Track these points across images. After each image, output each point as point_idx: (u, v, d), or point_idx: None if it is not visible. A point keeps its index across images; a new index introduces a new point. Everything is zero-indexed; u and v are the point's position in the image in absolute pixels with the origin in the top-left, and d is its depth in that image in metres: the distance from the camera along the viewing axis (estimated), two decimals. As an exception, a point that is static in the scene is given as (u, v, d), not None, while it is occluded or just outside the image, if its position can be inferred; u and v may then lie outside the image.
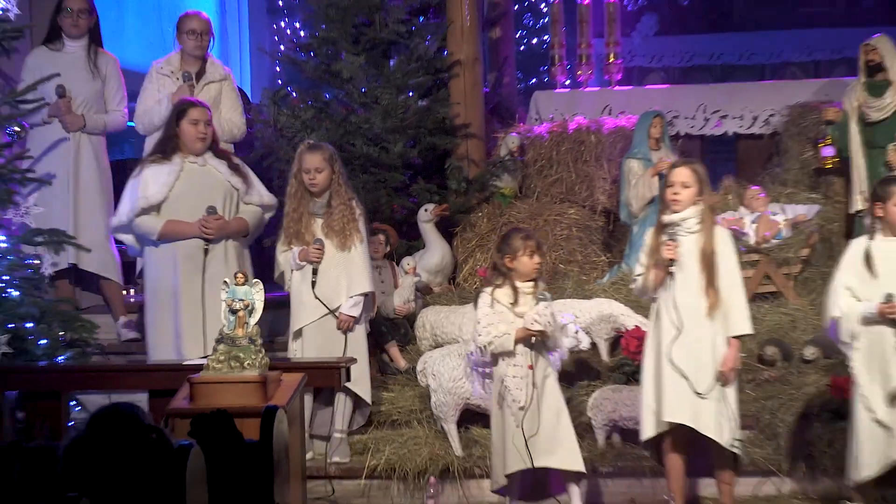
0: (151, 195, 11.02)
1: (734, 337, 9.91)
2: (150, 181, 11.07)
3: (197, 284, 11.04)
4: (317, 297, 11.02)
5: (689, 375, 9.78)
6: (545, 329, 9.74)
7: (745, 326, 9.99)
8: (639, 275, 10.12)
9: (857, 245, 10.10)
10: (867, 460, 9.82)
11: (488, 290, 10.10)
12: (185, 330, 11.04)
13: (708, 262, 9.84)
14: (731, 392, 9.91)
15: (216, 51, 13.30)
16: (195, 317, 11.01)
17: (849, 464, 10.00)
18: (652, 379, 10.02)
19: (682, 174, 9.91)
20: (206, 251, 11.04)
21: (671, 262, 9.81)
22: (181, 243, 11.05)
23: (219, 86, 12.65)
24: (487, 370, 10.08)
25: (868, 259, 9.91)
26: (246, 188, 11.30)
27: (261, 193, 11.45)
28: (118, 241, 11.70)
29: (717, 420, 9.77)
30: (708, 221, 9.96)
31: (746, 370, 10.80)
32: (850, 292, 9.91)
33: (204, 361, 9.74)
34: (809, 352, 11.28)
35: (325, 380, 10.82)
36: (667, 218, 9.97)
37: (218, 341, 9.58)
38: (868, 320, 9.80)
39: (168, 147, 11.19)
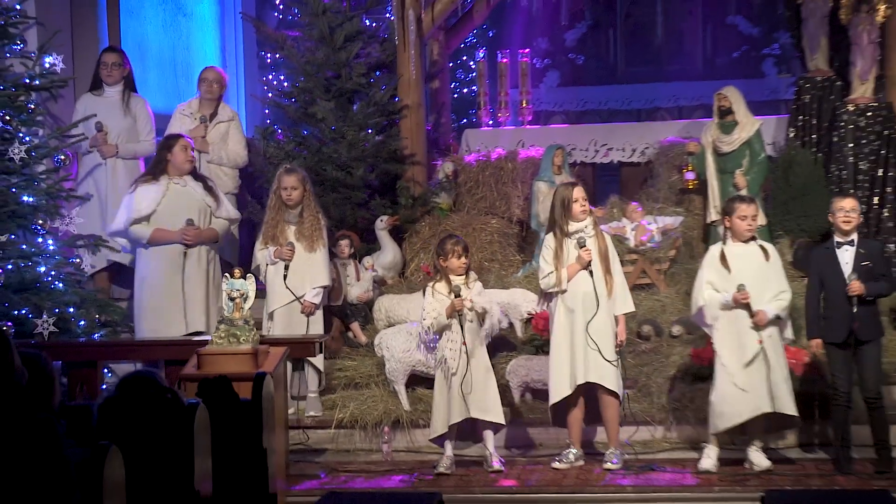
0: (143, 209, 11.14)
1: (623, 314, 10.24)
2: (142, 197, 11.18)
3: (178, 279, 11.16)
4: (287, 287, 11.10)
5: (601, 346, 9.99)
6: (475, 306, 9.99)
7: (630, 306, 10.32)
8: (548, 273, 10.19)
9: (714, 249, 10.24)
10: (727, 415, 9.96)
11: (431, 284, 10.33)
12: (168, 314, 11.16)
13: (605, 258, 10.18)
14: (621, 359, 10.20)
15: (227, 99, 13.27)
16: (177, 304, 11.12)
17: (711, 417, 10.07)
18: (566, 351, 10.16)
19: (582, 192, 10.23)
20: (184, 254, 11.16)
21: (589, 262, 10.03)
22: (165, 247, 11.18)
23: (227, 125, 12.74)
24: (433, 344, 10.31)
25: (723, 259, 10.03)
26: (217, 205, 11.42)
27: (228, 210, 11.61)
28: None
29: (617, 380, 10.10)
30: (598, 228, 10.35)
31: (628, 343, 10.75)
32: (710, 286, 10.03)
33: (208, 337, 9.96)
34: (676, 329, 11.28)
35: (304, 352, 10.82)
36: (573, 225, 10.13)
37: (220, 322, 9.83)
38: (726, 306, 9.92)
39: (157, 170, 11.32)
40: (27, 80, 10.92)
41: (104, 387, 10.12)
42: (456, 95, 16.78)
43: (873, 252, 10.11)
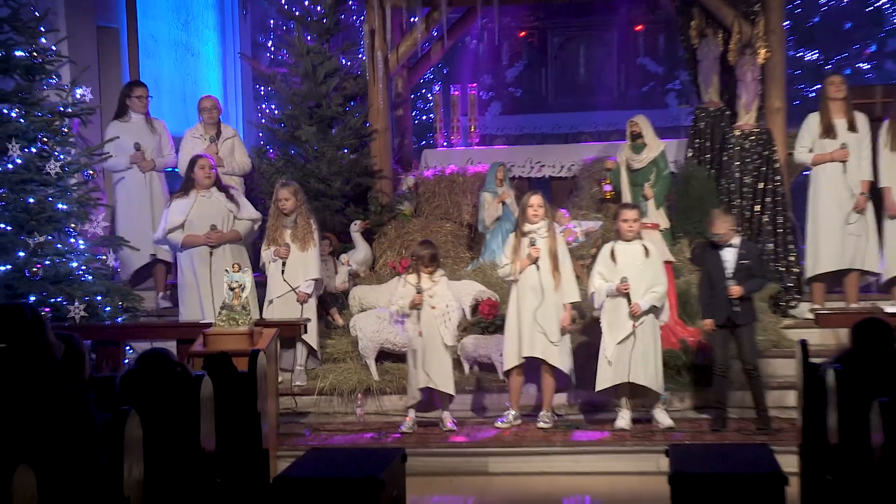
0: (175, 220, 11.14)
1: (569, 303, 10.29)
2: (175, 210, 11.20)
3: (206, 274, 11.06)
4: (284, 280, 11.05)
5: (547, 330, 10.09)
6: (431, 301, 10.07)
7: (575, 296, 10.37)
8: (505, 265, 10.33)
9: (607, 246, 10.36)
10: (599, 381, 10.13)
11: (404, 275, 10.44)
12: (201, 302, 11.11)
13: (554, 256, 10.22)
14: (566, 338, 10.28)
15: (228, 123, 13.25)
16: (207, 295, 11.01)
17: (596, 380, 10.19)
18: (515, 331, 10.24)
19: (538, 200, 10.31)
20: (210, 253, 11.07)
21: (536, 258, 10.07)
22: (196, 249, 11.14)
23: (231, 141, 12.69)
24: (399, 323, 10.34)
25: (612, 255, 10.17)
26: (238, 210, 11.36)
27: (250, 212, 11.50)
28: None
29: (561, 357, 10.19)
30: (552, 230, 10.40)
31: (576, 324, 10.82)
32: (601, 276, 10.15)
33: (212, 321, 9.96)
34: (596, 313, 11.22)
35: (291, 332, 10.87)
36: (528, 227, 10.24)
37: (221, 308, 9.93)
38: (611, 294, 10.06)
39: (187, 186, 11.31)
40: (61, 109, 10.86)
41: (126, 361, 10.10)
42: (416, 121, 16.77)
43: (752, 253, 10.25)
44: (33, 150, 10.53)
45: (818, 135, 11.62)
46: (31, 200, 10.42)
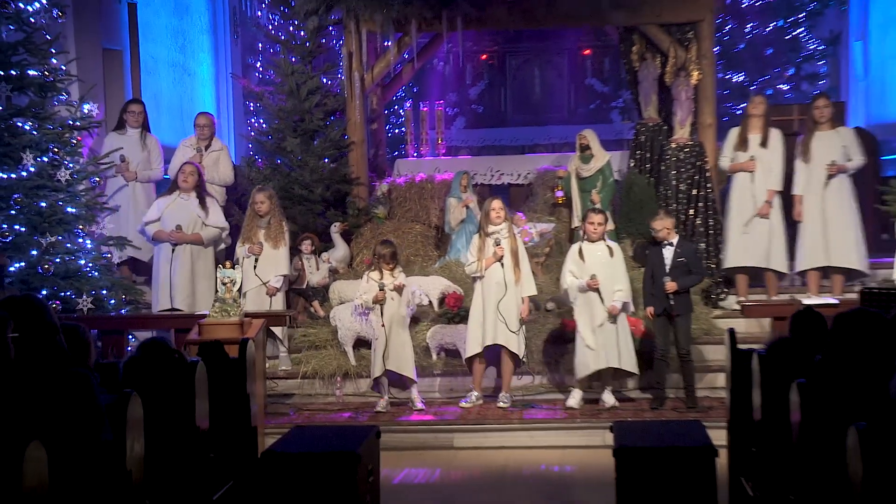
0: (152, 215, 11.23)
1: (527, 296, 10.34)
2: (155, 207, 11.31)
3: (167, 267, 11.14)
4: (256, 275, 11.07)
5: (507, 320, 10.12)
6: (392, 295, 10.12)
7: (532, 290, 10.43)
8: (472, 262, 10.37)
9: (575, 246, 10.41)
10: (582, 367, 10.14)
11: (367, 272, 10.46)
12: (159, 293, 11.20)
13: (515, 254, 10.27)
14: (522, 327, 10.31)
15: (220, 132, 13.20)
16: (165, 287, 11.12)
17: (575, 368, 10.23)
18: (479, 320, 10.27)
19: (499, 204, 10.40)
20: (173, 249, 11.12)
21: (501, 256, 10.15)
22: (163, 244, 11.17)
23: (218, 153, 12.58)
24: (365, 315, 10.50)
25: (580, 254, 10.18)
26: (206, 217, 11.33)
27: (217, 221, 11.48)
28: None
29: (519, 344, 10.21)
30: (512, 231, 10.45)
31: (537, 314, 10.85)
32: (572, 274, 10.17)
33: (206, 312, 9.97)
34: (549, 305, 11.27)
35: (277, 322, 10.92)
36: (491, 229, 10.30)
37: (215, 301, 9.97)
38: (581, 289, 10.07)
39: (172, 187, 11.39)
40: (70, 122, 10.81)
41: (128, 349, 10.06)
42: (390, 134, 16.76)
43: (687, 251, 10.33)
44: (45, 159, 10.47)
45: (735, 146, 11.78)
46: (44, 204, 10.37)
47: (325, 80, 13.35)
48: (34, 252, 10.26)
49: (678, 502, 6.41)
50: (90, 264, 10.68)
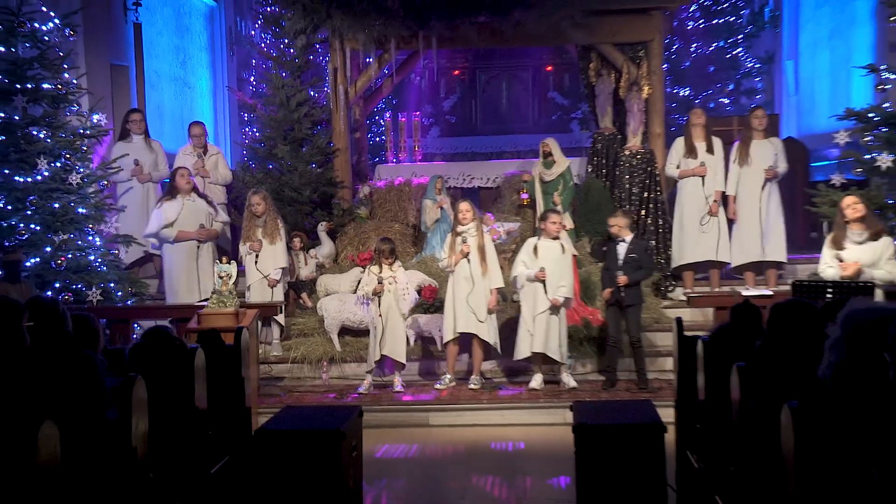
0: (169, 218, 11.11)
1: (495, 288, 10.32)
2: (167, 211, 11.15)
3: (195, 264, 11.17)
4: (258, 269, 11.02)
5: (476, 310, 10.18)
6: (389, 288, 10.12)
7: (499, 282, 10.39)
8: (443, 259, 10.45)
9: (532, 240, 10.45)
10: (520, 348, 10.23)
11: (369, 266, 10.49)
12: (189, 286, 11.16)
13: (481, 250, 10.27)
14: (493, 316, 10.34)
15: (217, 140, 13.16)
16: (194, 280, 11.12)
17: (515, 349, 10.28)
18: (451, 311, 10.30)
19: (466, 206, 10.41)
20: (198, 246, 11.14)
21: (467, 253, 10.18)
22: (185, 242, 11.15)
23: (215, 157, 12.57)
24: (366, 305, 10.42)
25: (535, 248, 10.22)
26: (216, 214, 11.41)
27: (223, 217, 11.60)
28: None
29: (489, 332, 10.26)
30: (479, 229, 10.40)
31: (504, 305, 10.84)
32: (524, 264, 10.21)
33: (206, 304, 9.92)
34: (516, 297, 11.21)
35: (269, 312, 10.89)
36: (460, 228, 10.34)
37: (212, 293, 9.90)
38: (530, 279, 10.12)
39: (172, 192, 11.28)
40: (81, 131, 10.78)
41: (134, 336, 10.01)
42: (371, 142, 16.72)
43: (639, 248, 10.39)
44: (58, 164, 10.47)
45: (683, 154, 11.79)
46: (57, 206, 10.36)
47: (312, 93, 13.33)
48: (48, 249, 10.26)
49: (631, 474, 6.43)
50: (99, 260, 10.65)
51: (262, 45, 14.24)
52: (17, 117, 10.30)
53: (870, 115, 10.68)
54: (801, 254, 11.98)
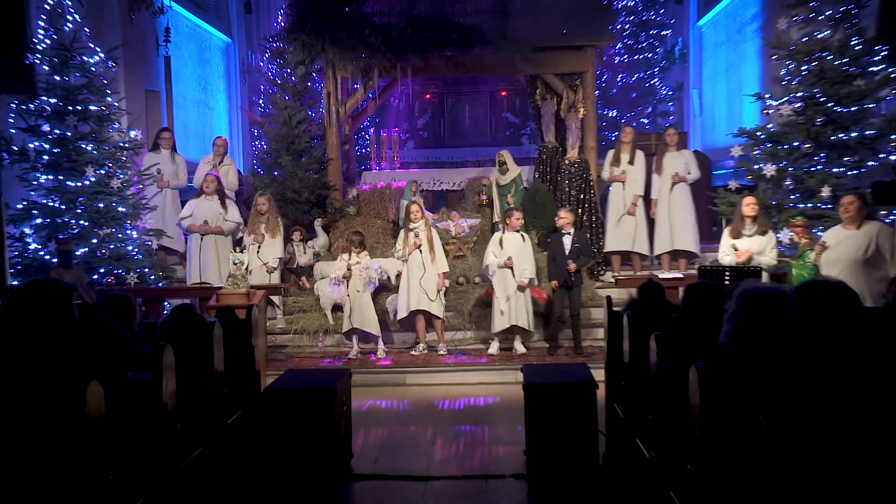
0: (185, 213, 11.19)
1: (441, 272, 10.28)
2: (188, 206, 11.23)
3: (197, 250, 11.09)
4: (259, 257, 11.00)
5: (428, 291, 10.12)
6: (356, 273, 10.16)
7: (445, 268, 10.37)
8: (399, 250, 10.42)
9: (497, 235, 10.39)
10: (496, 324, 10.21)
11: (341, 255, 10.49)
12: (192, 271, 11.14)
13: (430, 242, 10.28)
14: (441, 295, 10.30)
15: (232, 152, 13.05)
16: (195, 266, 11.09)
17: (492, 325, 10.25)
18: (406, 292, 10.30)
19: (416, 208, 10.46)
20: (202, 238, 11.08)
21: (419, 245, 10.18)
22: (195, 234, 11.11)
23: (228, 168, 12.43)
24: (339, 286, 10.43)
25: (500, 241, 10.15)
26: (226, 213, 11.26)
27: (234, 216, 11.37)
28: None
29: (440, 308, 10.24)
30: (427, 226, 10.44)
31: (452, 286, 10.79)
32: (493, 254, 10.16)
33: (222, 285, 9.95)
34: (476, 279, 11.26)
35: (274, 293, 10.88)
36: (412, 226, 10.36)
37: (228, 276, 9.97)
38: (499, 266, 10.08)
39: (199, 192, 11.29)
40: (121, 144, 10.73)
41: (164, 312, 9.97)
42: (358, 153, 16.69)
43: (581, 239, 10.41)
44: (102, 172, 10.44)
45: (611, 163, 11.89)
46: (101, 205, 10.33)
47: (310, 113, 13.28)
48: (94, 240, 10.25)
49: (569, 422, 6.46)
50: (135, 250, 10.62)
51: (269, 73, 14.12)
52: (69, 133, 10.28)
53: (758, 133, 10.79)
54: (705, 244, 12.08)
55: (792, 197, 10.34)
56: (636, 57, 18.22)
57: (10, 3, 9.16)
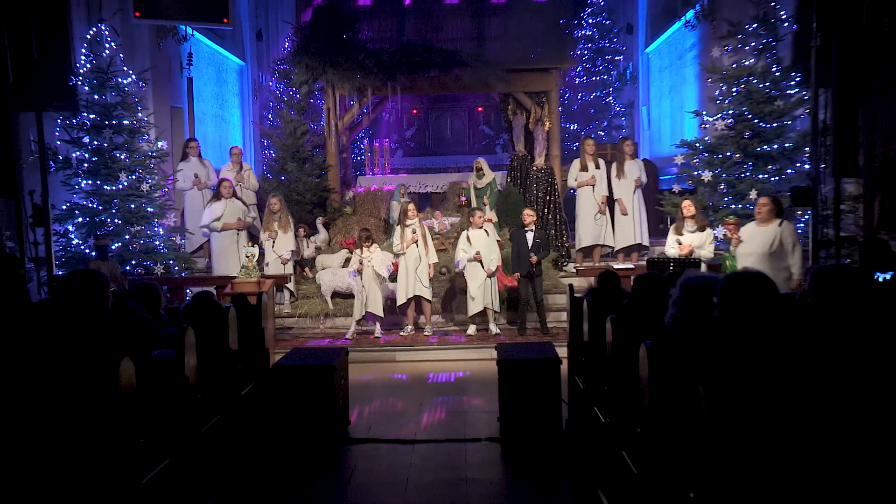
0: (216, 214, 10.96)
1: (432, 263, 10.25)
2: (216, 209, 10.99)
3: (235, 245, 10.92)
4: (274, 251, 10.94)
5: (422, 278, 10.16)
6: (369, 265, 10.06)
7: (434, 259, 10.31)
8: (397, 244, 10.29)
9: (464, 233, 10.41)
10: (470, 308, 10.21)
11: (355, 250, 10.40)
12: (226, 263, 10.91)
13: (424, 237, 10.24)
14: (431, 283, 10.28)
15: (245, 159, 12.98)
16: (235, 256, 10.85)
17: (466, 309, 10.22)
18: (404, 280, 10.21)
19: (412, 207, 10.41)
20: (237, 233, 10.96)
21: (416, 240, 10.16)
22: (229, 231, 10.95)
23: (247, 172, 12.35)
24: (355, 276, 10.27)
25: (468, 238, 10.21)
26: (247, 212, 11.22)
27: (253, 213, 11.39)
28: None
29: (430, 292, 10.25)
30: (421, 223, 10.38)
31: (436, 276, 10.74)
32: (463, 250, 10.21)
33: (236, 274, 9.94)
34: (457, 270, 11.22)
35: (282, 281, 10.83)
36: (409, 222, 10.27)
37: (241, 267, 10.04)
38: (470, 259, 10.14)
39: (218, 196, 11.10)
40: (150, 154, 10.68)
41: (187, 298, 9.92)
42: (354, 160, 16.63)
43: (542, 236, 10.42)
44: (134, 177, 10.38)
45: (579, 170, 11.84)
46: (132, 206, 10.30)
47: (312, 126, 13.25)
48: (126, 237, 10.22)
49: (536, 393, 6.48)
50: (162, 244, 10.57)
51: (277, 92, 14.08)
52: (105, 144, 10.26)
53: (696, 144, 10.88)
54: (653, 239, 12.12)
55: (726, 199, 10.44)
56: (594, 78, 18.23)
57: (57, 34, 9.16)
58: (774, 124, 10.28)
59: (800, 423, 3.01)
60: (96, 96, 10.25)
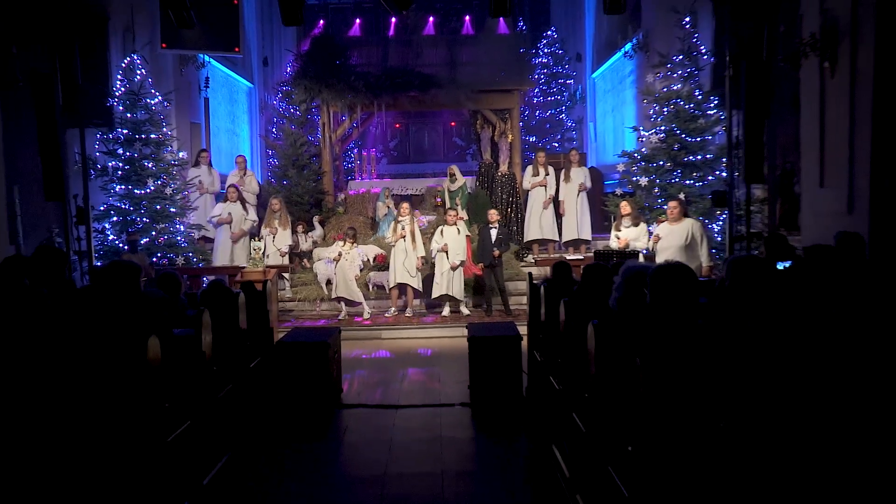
0: (217, 212, 10.97)
1: (419, 256, 10.26)
2: (218, 208, 11.02)
3: (229, 241, 10.84)
4: (274, 244, 10.91)
5: (409, 269, 10.14)
6: (346, 257, 10.11)
7: (422, 252, 10.36)
8: (390, 237, 10.35)
9: (438, 228, 10.44)
10: (434, 292, 10.25)
11: (337, 243, 10.42)
12: (224, 256, 10.81)
13: (413, 233, 10.25)
14: (419, 272, 10.30)
15: (252, 166, 12.86)
16: (227, 251, 10.80)
17: (431, 292, 10.24)
18: (393, 269, 10.27)
19: (406, 206, 10.47)
20: (232, 232, 10.84)
21: (404, 235, 10.17)
22: (226, 236, 10.88)
23: (251, 178, 12.24)
24: (330, 263, 10.31)
25: (441, 232, 10.23)
26: (247, 215, 11.05)
27: (253, 217, 11.17)
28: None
29: (417, 282, 10.24)
30: (412, 220, 10.38)
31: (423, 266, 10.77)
32: (436, 242, 10.24)
33: (245, 265, 9.86)
34: (431, 260, 11.20)
35: (283, 271, 10.76)
36: (400, 219, 10.31)
37: (249, 259, 9.90)
38: (438, 250, 10.19)
39: (225, 198, 11.06)
40: (173, 162, 10.62)
41: (203, 286, 9.84)
42: (346, 167, 16.51)
43: (504, 232, 10.47)
44: (159, 182, 10.32)
45: (532, 175, 11.89)
46: (158, 207, 10.23)
47: (309, 138, 13.19)
48: (153, 233, 10.15)
49: (501, 365, 6.50)
50: (182, 239, 10.51)
51: (280, 109, 13.98)
52: (135, 155, 10.22)
53: (635, 155, 11.02)
54: (598, 234, 12.20)
55: (659, 201, 10.56)
56: (549, 98, 18.24)
57: (97, 63, 9.45)
58: (698, 139, 10.52)
59: (718, 387, 3.07)
60: (129, 114, 10.28)
